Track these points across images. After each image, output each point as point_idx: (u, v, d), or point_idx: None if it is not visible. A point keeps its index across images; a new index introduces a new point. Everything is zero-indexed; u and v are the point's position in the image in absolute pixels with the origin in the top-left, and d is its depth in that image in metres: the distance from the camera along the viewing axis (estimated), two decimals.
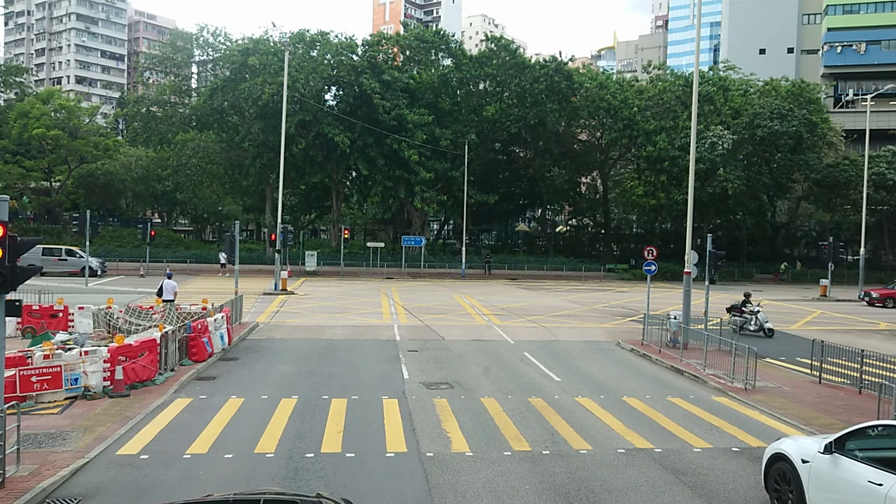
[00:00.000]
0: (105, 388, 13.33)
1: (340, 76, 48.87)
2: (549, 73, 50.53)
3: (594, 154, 62.23)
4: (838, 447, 7.72)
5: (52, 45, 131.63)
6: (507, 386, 15.41)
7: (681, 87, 53.68)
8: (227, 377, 15.60)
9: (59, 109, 50.61)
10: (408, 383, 15.40)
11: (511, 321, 26.49)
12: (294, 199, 63.26)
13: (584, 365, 18.31)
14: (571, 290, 43.24)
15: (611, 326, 26.22)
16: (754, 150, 51.28)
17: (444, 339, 21.79)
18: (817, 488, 7.73)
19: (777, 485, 8.43)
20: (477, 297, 36.23)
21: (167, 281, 24.17)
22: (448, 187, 54.68)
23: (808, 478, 7.86)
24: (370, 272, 51.55)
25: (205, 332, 17.10)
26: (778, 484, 8.42)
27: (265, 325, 23.79)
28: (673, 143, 50.95)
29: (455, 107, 54.65)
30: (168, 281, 24.20)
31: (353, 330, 23.20)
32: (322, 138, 50.05)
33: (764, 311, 24.78)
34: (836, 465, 7.58)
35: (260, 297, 33.24)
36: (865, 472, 7.17)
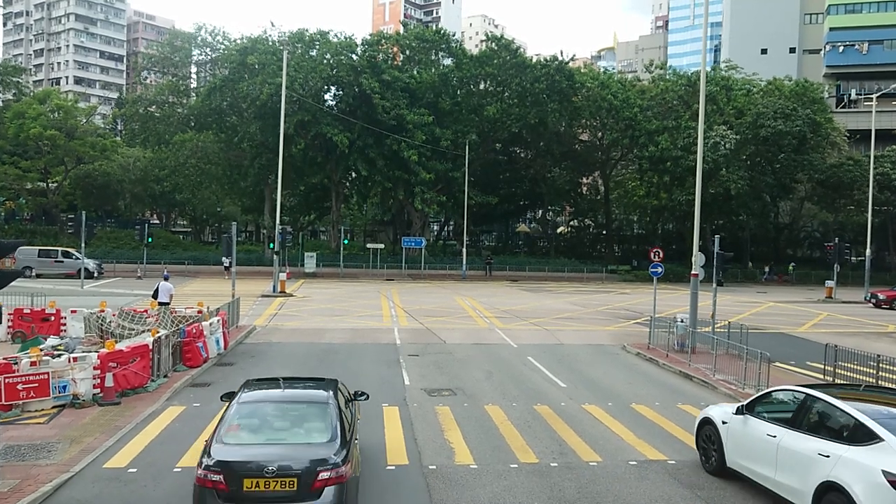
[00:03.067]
0: (95, 396, 12.84)
1: (340, 76, 48.42)
2: (550, 73, 50.07)
3: (595, 154, 61.80)
4: (748, 410, 9.51)
5: (51, 45, 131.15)
6: (511, 392, 14.92)
7: (683, 86, 53.23)
8: (222, 383, 15.10)
9: (55, 109, 50.15)
10: (409, 389, 14.92)
11: (513, 324, 26.01)
12: (293, 200, 62.81)
13: (589, 370, 17.83)
14: (574, 291, 42.77)
15: (615, 329, 25.74)
16: (757, 150, 50.86)
17: (446, 343, 21.31)
18: (732, 442, 9.57)
19: (704, 443, 10.29)
20: (478, 298, 35.76)
21: (163, 283, 23.79)
22: (448, 188, 54.21)
23: (727, 435, 9.71)
24: (370, 274, 51.06)
25: (199, 337, 16.61)
26: (705, 443, 10.26)
27: (263, 329, 23.30)
28: (676, 144, 50.48)
29: (455, 107, 54.19)
30: (164, 283, 23.81)
31: (353, 333, 22.72)
32: (321, 138, 49.58)
33: None
34: (745, 424, 9.40)
35: (258, 299, 32.76)
36: (765, 428, 8.99)
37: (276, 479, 7.02)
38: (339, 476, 7.16)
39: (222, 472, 7.03)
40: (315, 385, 9.02)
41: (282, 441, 7.62)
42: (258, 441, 7.61)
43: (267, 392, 8.66)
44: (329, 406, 8.06)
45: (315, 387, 8.90)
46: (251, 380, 9.45)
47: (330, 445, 7.42)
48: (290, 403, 8.34)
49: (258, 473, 7.01)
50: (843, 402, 8.34)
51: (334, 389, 8.59)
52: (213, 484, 7.03)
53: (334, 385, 8.83)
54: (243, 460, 7.16)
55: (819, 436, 8.20)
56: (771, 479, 8.72)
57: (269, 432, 7.77)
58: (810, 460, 8.03)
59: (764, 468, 8.86)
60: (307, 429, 7.76)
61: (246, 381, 9.37)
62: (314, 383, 9.18)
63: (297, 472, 7.06)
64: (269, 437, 7.71)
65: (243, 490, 7.00)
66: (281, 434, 7.76)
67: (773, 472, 8.66)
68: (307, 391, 8.82)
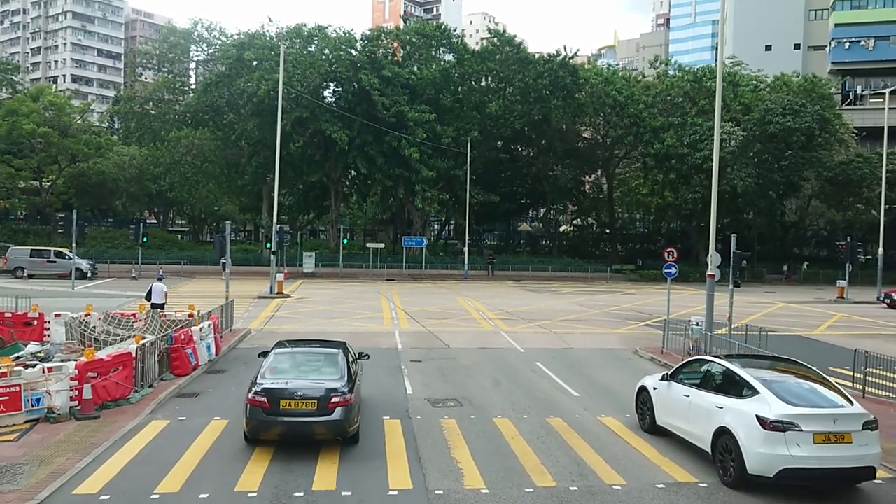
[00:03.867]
0: (72, 410, 11.85)
1: (339, 72, 47.37)
2: (553, 69, 49.07)
3: (598, 152, 60.81)
4: (672, 377, 11.57)
5: (48, 43, 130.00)
6: (521, 403, 13.93)
7: (689, 82, 52.22)
8: (211, 393, 14.12)
9: (49, 107, 49.05)
10: (411, 400, 13.93)
11: (519, 326, 25.02)
12: (292, 198, 61.79)
13: (602, 377, 16.85)
14: (578, 291, 41.77)
15: (624, 332, 24.75)
16: (765, 147, 49.85)
17: (450, 348, 20.33)
18: (660, 404, 11.61)
19: (641, 407, 12.33)
20: (481, 299, 34.77)
21: (156, 283, 22.85)
22: (450, 186, 53.19)
23: (656, 399, 11.74)
24: (370, 274, 50.08)
25: (189, 343, 15.62)
26: (641, 407, 12.32)
27: (258, 333, 22.32)
28: (682, 140, 49.47)
29: (457, 104, 53.18)
30: (157, 283, 22.88)
31: (352, 337, 21.64)
32: (320, 136, 48.59)
33: None
34: (669, 388, 11.43)
35: (254, 300, 31.77)
36: (682, 390, 11.02)
37: (303, 401, 10.14)
38: (346, 401, 10.26)
39: (266, 395, 10.13)
40: (329, 344, 12.33)
41: (306, 378, 10.65)
42: (290, 377, 10.63)
43: (294, 348, 11.97)
44: (339, 357, 11.30)
45: (329, 345, 12.15)
46: (282, 340, 12.73)
47: (339, 381, 10.54)
48: (312, 354, 11.67)
49: (290, 397, 10.15)
50: (737, 367, 10.38)
51: (343, 348, 11.85)
52: (259, 403, 10.13)
53: (343, 345, 12.16)
54: (280, 388, 10.27)
55: (718, 393, 10.26)
56: (685, 430, 10.78)
57: (297, 372, 10.84)
58: (710, 412, 10.07)
59: (680, 422, 10.91)
60: (323, 371, 10.91)
61: (278, 341, 12.56)
62: (329, 344, 12.45)
63: (316, 397, 10.16)
64: (297, 375, 10.75)
65: (280, 408, 10.09)
66: (305, 373, 10.83)
67: (687, 425, 10.70)
68: (323, 348, 11.96)
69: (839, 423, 8.96)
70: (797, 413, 8.96)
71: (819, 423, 8.92)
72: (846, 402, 9.29)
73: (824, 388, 9.71)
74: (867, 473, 9.01)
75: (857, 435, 8.92)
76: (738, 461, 9.16)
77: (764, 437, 8.91)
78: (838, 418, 9.00)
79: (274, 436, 10.32)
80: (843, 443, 8.87)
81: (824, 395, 9.53)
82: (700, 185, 49.73)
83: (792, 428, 8.84)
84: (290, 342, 12.49)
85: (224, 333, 20.36)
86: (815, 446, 8.80)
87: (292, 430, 10.19)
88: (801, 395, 9.45)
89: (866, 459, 8.90)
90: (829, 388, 9.74)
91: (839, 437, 8.87)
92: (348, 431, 10.38)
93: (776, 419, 8.91)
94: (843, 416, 9.05)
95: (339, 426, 10.19)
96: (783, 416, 8.93)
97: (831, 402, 9.32)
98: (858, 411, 9.16)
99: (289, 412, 10.11)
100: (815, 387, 9.75)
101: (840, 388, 9.89)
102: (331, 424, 10.15)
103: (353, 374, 11.16)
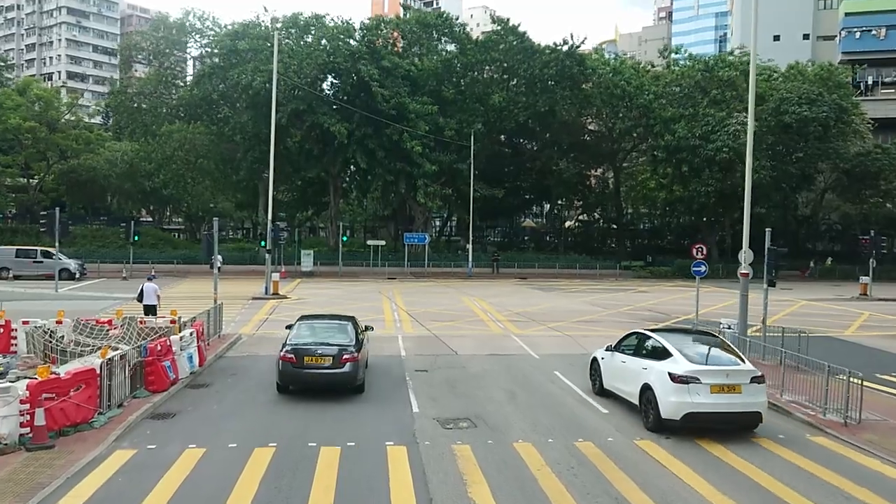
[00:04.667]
0: (21, 439, 10.13)
1: (337, 62, 45.52)
2: (559, 58, 47.26)
3: (604, 145, 59.05)
4: (615, 348, 13.53)
5: (43, 39, 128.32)
6: (543, 422, 12.20)
7: (700, 71, 50.35)
8: (189, 414, 12.39)
9: (36, 100, 47.17)
10: (418, 419, 12.20)
11: (530, 329, 23.29)
12: (290, 195, 60.06)
13: None
14: (588, 290, 40.02)
15: None
16: (779, 138, 48.01)
17: (458, 354, 18.61)
18: (605, 370, 13.68)
19: (592, 375, 14.30)
20: (488, 299, 33.04)
21: (147, 284, 21.44)
22: (453, 181, 51.41)
23: (603, 366, 13.78)
24: (371, 272, 48.36)
25: (166, 354, 13.90)
26: (593, 374, 14.26)
27: (249, 339, 20.61)
28: (693, 132, 47.63)
29: (459, 96, 51.35)
30: (149, 283, 21.45)
31: None
32: (318, 129, 46.83)
33: None
34: (612, 357, 13.48)
35: (248, 302, 30.03)
36: (621, 358, 13.14)
37: (321, 357, 13.00)
38: (354, 357, 13.13)
39: (294, 353, 13.04)
40: (341, 318, 15.33)
41: (324, 341, 13.51)
42: (311, 340, 13.55)
43: (314, 320, 15.14)
44: (349, 326, 14.29)
45: (341, 318, 15.20)
46: (304, 315, 15.90)
47: (349, 343, 13.52)
48: (328, 324, 14.67)
49: (312, 354, 13.05)
50: (660, 337, 12.38)
51: (353, 320, 14.77)
52: (288, 359, 13.00)
53: (353, 319, 15.02)
54: (304, 346, 13.23)
55: (645, 358, 12.26)
56: (622, 389, 12.91)
57: (317, 336, 13.75)
58: (638, 373, 12.12)
59: (619, 383, 13.09)
60: (337, 336, 13.74)
61: (301, 315, 15.64)
62: (341, 317, 15.54)
63: (332, 354, 13.04)
64: (317, 338, 13.64)
65: (304, 363, 12.96)
66: (323, 337, 13.73)
67: (623, 385, 12.82)
68: (337, 320, 14.95)
69: (731, 377, 11.18)
70: (698, 369, 11.19)
71: (715, 377, 11.14)
72: (740, 362, 11.63)
73: (724, 352, 12.06)
74: (754, 418, 11.30)
75: (745, 387, 11.15)
76: (655, 409, 11.42)
77: (673, 388, 11.10)
78: (730, 373, 11.24)
79: (299, 384, 13.35)
80: (734, 393, 11.09)
81: (723, 356, 11.87)
82: (713, 177, 47.98)
83: (694, 381, 11.01)
84: (311, 316, 15.76)
85: (211, 340, 18.68)
86: (711, 395, 10.98)
87: (313, 379, 13.15)
88: (704, 356, 11.77)
89: (752, 406, 11.19)
90: (729, 351, 12.15)
91: (731, 388, 11.10)
92: (356, 381, 13.40)
93: (682, 374, 11.13)
94: (735, 371, 11.29)
95: (348, 377, 13.19)
96: (688, 371, 11.14)
97: (727, 361, 11.65)
98: (747, 368, 11.42)
99: (311, 366, 13.06)
100: (719, 351, 12.07)
101: (738, 351, 12.50)
102: (342, 375, 13.11)
103: (360, 340, 14.16)
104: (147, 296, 21.27)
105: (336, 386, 13.24)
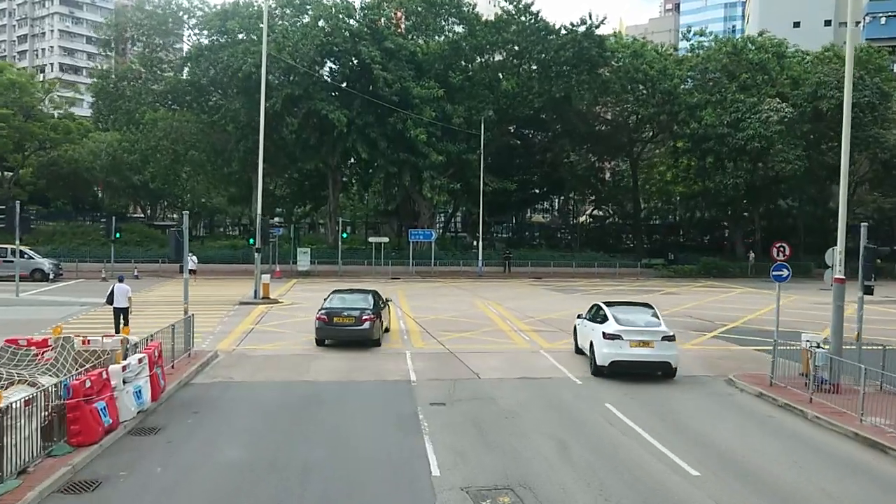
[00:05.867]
0: None
1: (335, 43, 41.80)
2: (576, 39, 43.52)
3: (620, 136, 55.44)
4: (585, 316, 17.15)
5: (35, 31, 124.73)
6: (614, 491, 8.68)
7: (727, 54, 46.60)
8: (124, 481, 8.89)
9: (9, 86, 43.53)
10: (439, 492, 8.66)
11: (561, 342, 19.73)
12: (286, 189, 56.53)
13: (711, 431, 11.62)
14: (611, 290, 36.45)
15: (695, 348, 19.44)
16: (815, 125, 44.36)
17: (481, 379, 15.11)
18: (578, 333, 17.70)
19: (574, 337, 18.17)
20: (503, 302, 29.49)
21: (119, 285, 18.82)
22: (461, 172, 47.80)
23: (577, 330, 17.79)
24: (373, 271, 44.87)
25: (102, 392, 10.40)
26: (574, 337, 18.18)
27: (226, 357, 17.08)
28: (721, 119, 43.97)
29: (467, 82, 47.68)
30: (120, 285, 18.80)
31: (349, 362, 16.52)
32: (315, 117, 43.27)
33: None
34: (582, 324, 17.27)
35: (234, 308, 26.52)
36: (585, 323, 16.86)
37: (347, 317, 17.74)
38: (371, 318, 17.78)
39: (326, 314, 17.80)
40: (365, 291, 20.12)
41: (349, 306, 18.24)
42: (340, 306, 18.29)
43: (344, 293, 19.56)
44: (370, 296, 19.04)
45: (365, 291, 19.96)
46: (336, 289, 20.47)
47: (369, 307, 18.16)
48: (354, 295, 19.29)
49: (339, 314, 17.80)
50: (606, 307, 16.07)
51: (374, 293, 19.58)
52: (322, 319, 17.81)
53: (374, 291, 19.91)
54: (334, 309, 18.04)
55: (595, 322, 15.91)
56: (584, 346, 16.73)
57: (344, 304, 18.43)
58: (590, 334, 15.98)
59: (583, 341, 16.89)
60: (360, 303, 18.43)
61: (333, 290, 20.25)
62: (363, 291, 20.30)
63: (355, 315, 17.76)
64: (344, 305, 18.35)
65: (334, 322, 17.72)
66: (349, 304, 18.40)
67: (584, 342, 16.72)
68: (361, 293, 19.59)
69: (645, 335, 14.77)
70: (623, 329, 14.78)
71: (634, 335, 14.72)
72: (659, 324, 15.14)
73: (653, 317, 15.57)
74: (664, 366, 14.93)
75: (657, 343, 14.69)
76: (593, 359, 15.32)
77: (604, 343, 14.87)
78: (645, 333, 14.83)
79: (331, 337, 18.02)
80: (648, 347, 14.71)
81: (648, 320, 15.45)
82: (743, 168, 44.38)
83: (618, 338, 14.69)
84: (341, 291, 19.89)
85: (178, 361, 15.22)
86: (630, 349, 14.63)
87: (341, 334, 17.87)
88: (632, 320, 15.29)
89: (662, 357, 14.74)
90: (656, 317, 15.57)
91: (646, 344, 14.71)
92: (372, 336, 17.81)
93: (610, 333, 14.82)
94: (649, 331, 14.88)
95: (367, 332, 17.63)
96: (615, 331, 14.79)
97: (648, 324, 15.21)
98: (660, 329, 14.92)
99: (339, 324, 17.66)
100: (646, 317, 15.62)
101: (661, 316, 15.69)
102: (362, 331, 17.58)
103: (379, 306, 18.72)
104: (117, 298, 18.71)
105: (357, 339, 17.76)
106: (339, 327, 17.60)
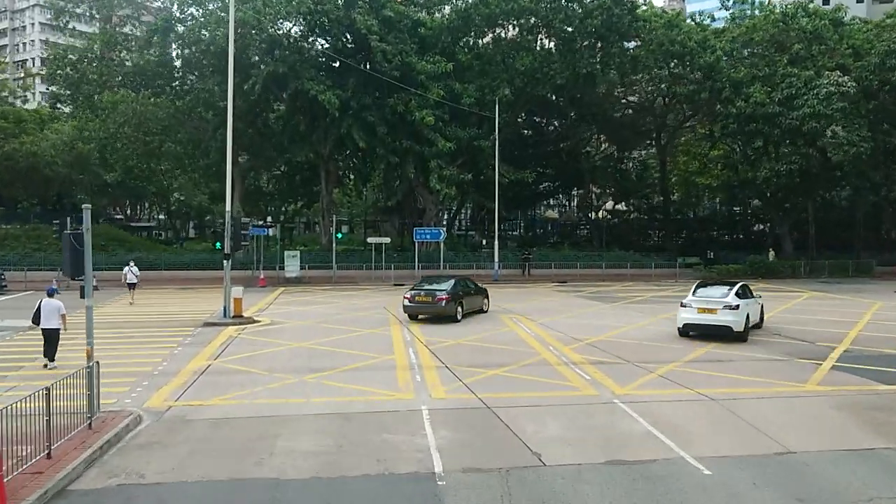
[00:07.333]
0: None
1: (326, 11, 35.92)
2: (605, 5, 37.72)
3: (647, 121, 49.79)
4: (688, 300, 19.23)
5: (16, 24, 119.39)
6: None
7: (774, 23, 40.78)
8: None
9: None
10: None
11: (636, 382, 14.05)
12: (274, 183, 50.82)
13: None
14: (659, 298, 30.70)
15: (825, 390, 13.58)
16: (881, 103, 38.63)
17: (546, 466, 9.32)
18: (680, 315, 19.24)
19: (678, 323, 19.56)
20: (535, 318, 23.67)
21: (47, 300, 14.97)
22: (472, 162, 42.06)
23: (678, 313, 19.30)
24: (372, 276, 39.23)
25: None
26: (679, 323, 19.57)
27: (152, 424, 11.29)
28: (772, 97, 38.22)
29: (477, 60, 41.94)
30: (49, 300, 14.97)
31: (337, 431, 10.76)
32: (303, 99, 37.55)
33: None
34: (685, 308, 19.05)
35: (195, 331, 20.73)
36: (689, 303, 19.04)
37: (425, 297, 22.24)
38: (445, 297, 22.01)
39: (410, 294, 22.61)
40: (447, 277, 26.07)
41: (429, 289, 22.61)
42: (422, 288, 22.87)
43: (425, 283, 24.23)
44: (450, 281, 23.58)
45: (447, 278, 25.18)
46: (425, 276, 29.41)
47: (445, 290, 22.41)
48: (435, 284, 23.38)
49: (420, 294, 22.38)
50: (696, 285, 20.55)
51: (457, 280, 24.41)
52: (408, 298, 22.52)
53: (457, 279, 24.80)
54: (416, 290, 22.74)
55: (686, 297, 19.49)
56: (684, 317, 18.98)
57: (425, 287, 22.85)
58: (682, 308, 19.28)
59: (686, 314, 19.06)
60: (438, 287, 22.79)
61: (424, 276, 29.64)
62: (446, 277, 26.93)
63: (431, 296, 22.15)
64: (425, 289, 22.64)
65: (417, 300, 22.29)
66: (430, 288, 22.66)
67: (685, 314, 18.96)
68: (438, 283, 23.80)
69: (710, 304, 18.34)
70: (692, 300, 18.76)
71: (701, 304, 18.49)
72: (727, 296, 18.50)
73: (729, 290, 18.89)
74: (727, 330, 18.02)
75: (720, 311, 18.06)
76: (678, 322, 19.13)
77: (680, 310, 18.90)
78: (711, 302, 18.37)
79: (414, 312, 22.38)
80: (712, 313, 18.19)
81: (720, 292, 18.89)
82: (797, 153, 38.65)
83: (689, 306, 18.65)
84: (425, 278, 26.01)
85: (76, 433, 9.59)
86: (698, 314, 18.41)
87: (421, 309, 22.18)
88: (706, 294, 19.09)
89: (723, 322, 18.01)
90: (731, 288, 18.99)
91: (710, 311, 18.22)
92: (447, 311, 21.90)
93: (684, 303, 18.91)
94: (715, 300, 18.36)
95: (442, 308, 21.84)
96: (686, 301, 18.86)
97: (718, 295, 18.77)
98: (726, 300, 18.27)
99: (419, 302, 22.13)
100: (722, 290, 19.13)
101: (736, 286, 19.17)
102: (438, 307, 21.84)
103: (458, 292, 22.83)
104: (46, 317, 14.79)
105: (433, 313, 22.01)
106: (419, 304, 22.11)
